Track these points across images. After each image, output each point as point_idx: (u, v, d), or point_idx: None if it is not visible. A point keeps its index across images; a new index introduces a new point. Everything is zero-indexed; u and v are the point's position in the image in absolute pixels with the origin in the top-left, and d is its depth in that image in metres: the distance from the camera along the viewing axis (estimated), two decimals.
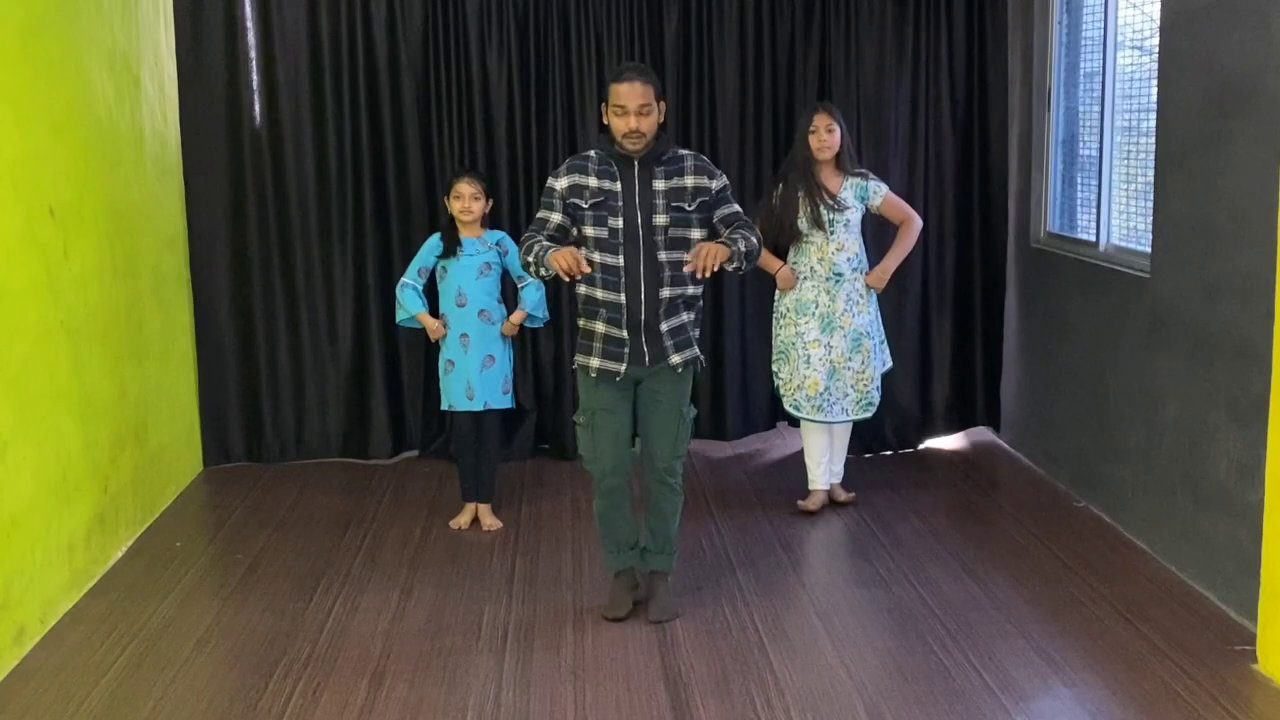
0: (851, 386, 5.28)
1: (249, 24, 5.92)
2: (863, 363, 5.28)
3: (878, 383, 5.35)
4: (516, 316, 5.14)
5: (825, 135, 5.20)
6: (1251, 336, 4.01)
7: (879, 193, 5.31)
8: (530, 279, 4.99)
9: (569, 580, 4.65)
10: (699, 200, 4.08)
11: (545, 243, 4.02)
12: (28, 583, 4.07)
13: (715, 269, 3.87)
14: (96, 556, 4.68)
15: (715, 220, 4.13)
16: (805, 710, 3.59)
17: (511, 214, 6.11)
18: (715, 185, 4.12)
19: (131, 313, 5.18)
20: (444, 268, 5.13)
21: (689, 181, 4.07)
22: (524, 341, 6.25)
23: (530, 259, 4.02)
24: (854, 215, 5.28)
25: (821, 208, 5.19)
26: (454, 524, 5.25)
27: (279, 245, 6.07)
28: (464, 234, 5.11)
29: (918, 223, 5.37)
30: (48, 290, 4.35)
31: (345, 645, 4.08)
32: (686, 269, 3.98)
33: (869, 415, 5.39)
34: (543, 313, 5.20)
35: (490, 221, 5.25)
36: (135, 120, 5.33)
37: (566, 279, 3.94)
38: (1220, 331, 4.26)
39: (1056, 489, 5.66)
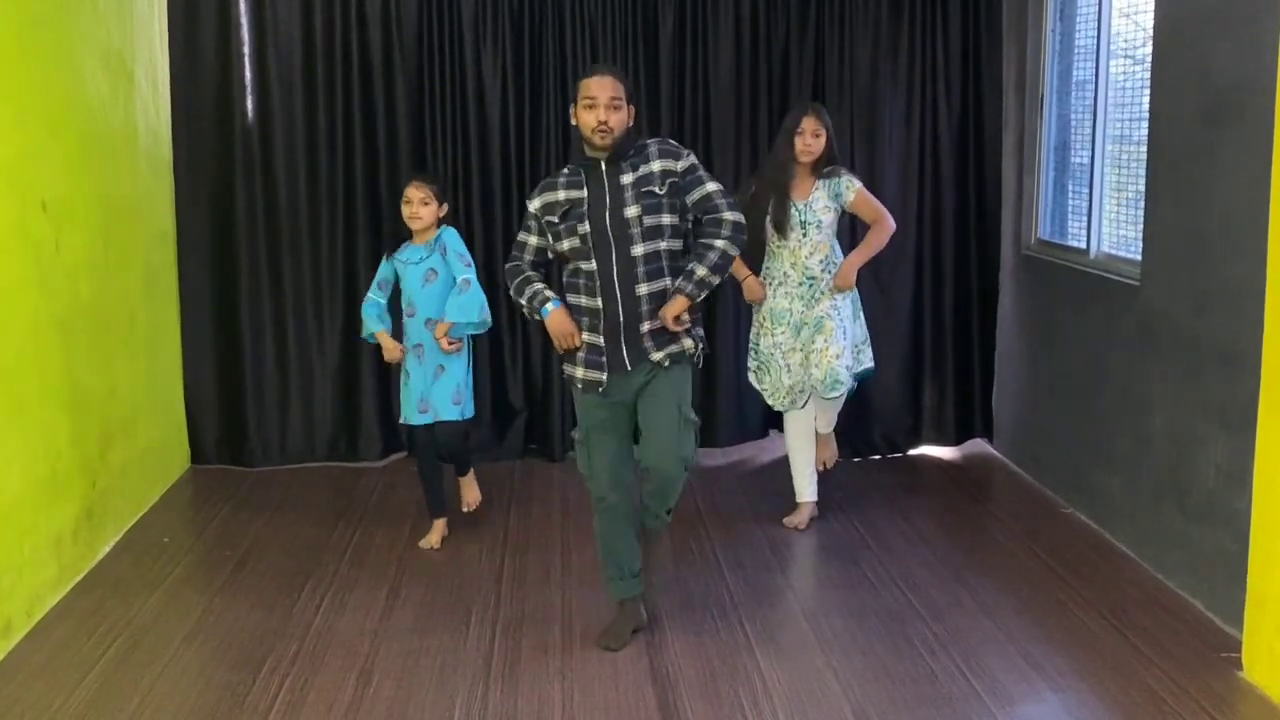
0: (815, 365, 5.06)
1: (243, 21, 5.92)
2: (825, 341, 5.04)
3: (847, 362, 5.07)
4: (440, 329, 4.76)
5: (811, 139, 5.02)
6: (1240, 345, 4.02)
7: (851, 187, 5.06)
8: (472, 280, 4.80)
9: (558, 580, 4.65)
10: (668, 182, 3.98)
11: (539, 284, 4.05)
12: (15, 576, 4.07)
13: (680, 318, 3.97)
14: (84, 551, 4.67)
15: (690, 206, 4.02)
16: (793, 712, 3.60)
17: (505, 214, 6.11)
18: (681, 165, 3.99)
19: (122, 308, 5.17)
20: (399, 276, 4.90)
21: (655, 166, 3.98)
22: (515, 343, 6.25)
23: (523, 301, 4.08)
24: (827, 216, 5.08)
25: (790, 210, 5.04)
26: (424, 543, 5.00)
27: (268, 243, 6.05)
28: (414, 241, 4.88)
29: (890, 223, 5.10)
30: (39, 284, 4.35)
31: (333, 643, 4.08)
32: (645, 327, 3.99)
33: (837, 394, 5.09)
34: (478, 317, 4.79)
35: (459, 223, 5.07)
36: (129, 116, 5.33)
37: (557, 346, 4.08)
38: (1209, 340, 4.28)
39: (1045, 495, 5.67)
